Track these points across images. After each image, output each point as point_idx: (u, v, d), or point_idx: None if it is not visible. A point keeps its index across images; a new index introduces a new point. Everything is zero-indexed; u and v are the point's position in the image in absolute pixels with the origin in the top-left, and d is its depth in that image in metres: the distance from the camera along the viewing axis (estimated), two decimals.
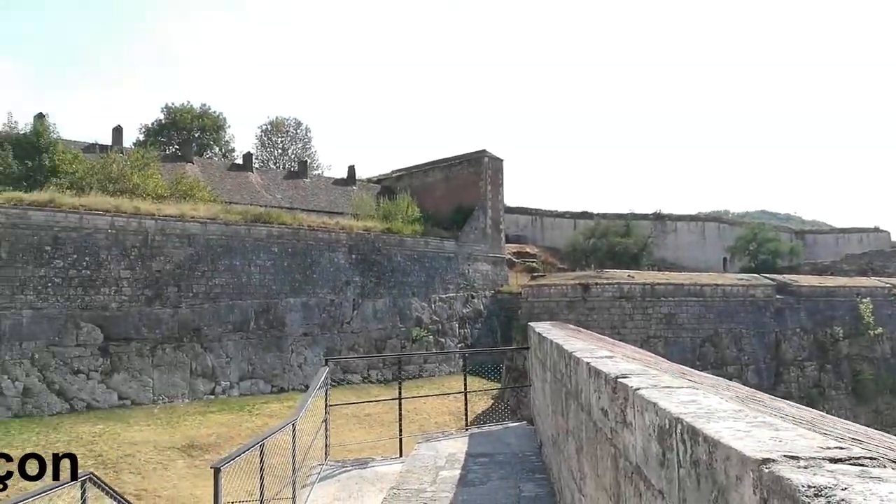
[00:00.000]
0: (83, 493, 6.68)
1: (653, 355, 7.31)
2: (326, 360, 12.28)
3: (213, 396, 38.63)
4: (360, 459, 11.03)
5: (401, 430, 11.96)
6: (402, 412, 13.15)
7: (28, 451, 28.17)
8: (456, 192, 60.81)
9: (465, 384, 13.54)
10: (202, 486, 27.61)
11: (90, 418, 32.97)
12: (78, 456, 28.18)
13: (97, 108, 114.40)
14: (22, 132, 43.08)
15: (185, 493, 26.85)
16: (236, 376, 40.24)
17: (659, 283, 46.65)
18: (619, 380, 4.52)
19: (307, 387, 41.36)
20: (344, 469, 10.36)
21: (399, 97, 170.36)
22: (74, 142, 46.76)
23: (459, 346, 52.67)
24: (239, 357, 40.60)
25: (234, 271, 41.85)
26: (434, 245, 53.65)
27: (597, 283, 45.75)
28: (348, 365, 43.96)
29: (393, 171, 70.81)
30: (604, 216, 79.29)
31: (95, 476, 6.84)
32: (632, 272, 50.63)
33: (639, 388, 4.03)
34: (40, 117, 44.58)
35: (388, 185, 67.21)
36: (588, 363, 5.70)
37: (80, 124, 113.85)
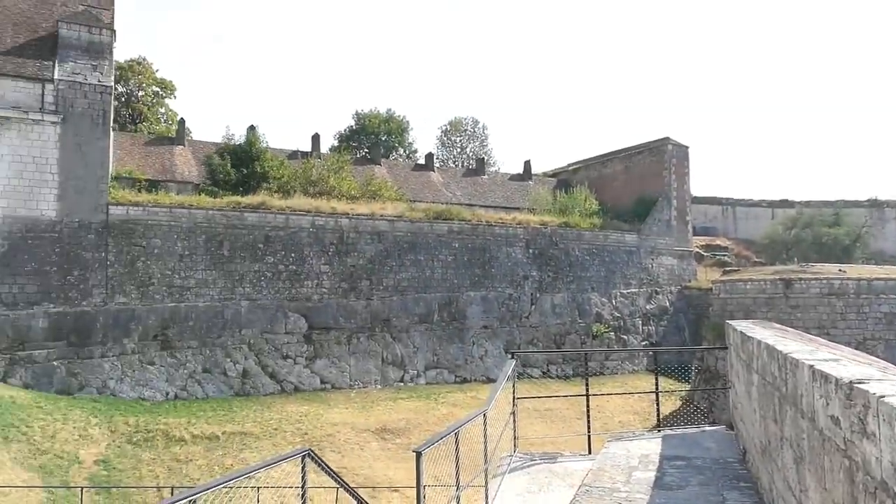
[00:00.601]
0: (303, 467, 7.39)
1: (879, 360, 6.47)
2: (511, 354, 12.41)
3: (401, 384, 40.94)
4: (548, 454, 11.05)
5: (589, 427, 11.78)
6: (585, 409, 12.93)
7: (247, 426, 32.00)
8: (637, 182, 58.49)
9: (657, 383, 12.99)
10: (394, 468, 29.41)
11: (297, 399, 36.51)
12: (287, 433, 31.45)
13: (298, 117, 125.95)
14: (237, 143, 48.71)
15: (379, 473, 28.76)
16: (422, 366, 42.25)
17: (878, 278, 41.24)
18: (856, 385, 4.05)
19: (488, 378, 42.38)
20: (533, 462, 10.44)
21: (574, 89, 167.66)
22: (280, 150, 51.92)
23: (643, 343, 50.67)
24: (425, 347, 42.58)
25: (418, 266, 43.97)
26: (614, 238, 52.08)
27: (801, 279, 41.57)
28: (527, 359, 44.19)
29: (569, 164, 69.84)
30: (807, 204, 71.58)
31: (313, 452, 7.53)
32: (843, 266, 45.30)
33: (884, 396, 3.58)
34: (251, 129, 50.10)
35: (564, 179, 66.43)
36: (811, 366, 5.18)
37: (284, 133, 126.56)
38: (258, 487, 16.06)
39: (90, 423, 29.40)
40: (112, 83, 37.56)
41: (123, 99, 58.63)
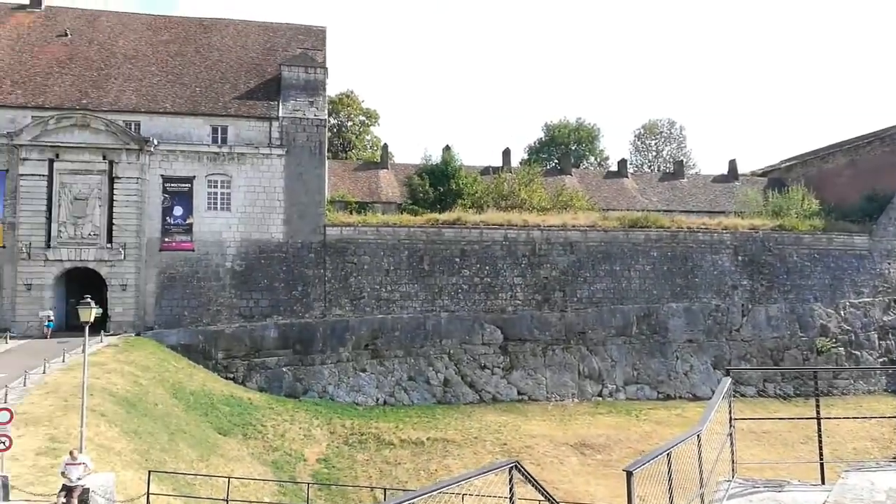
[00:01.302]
0: (510, 479, 7.49)
1: None
2: (727, 371, 11.51)
3: (599, 398, 39.92)
4: (772, 481, 10.06)
5: (821, 454, 10.50)
6: (811, 433, 11.55)
7: (449, 433, 33.27)
8: (865, 177, 51.44)
9: None
10: (595, 484, 28.70)
11: (495, 409, 37.21)
12: (487, 442, 32.15)
13: (490, 133, 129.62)
14: (434, 163, 51.26)
15: (580, 488, 28.25)
16: (621, 380, 40.85)
17: None
18: None
19: (694, 396, 39.68)
20: (755, 490, 9.56)
21: (783, 79, 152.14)
22: (473, 166, 53.71)
23: (880, 361, 44.30)
24: (623, 361, 41.16)
25: (613, 276, 42.71)
26: (840, 241, 46.26)
27: None
28: (739, 375, 40.69)
29: (782, 161, 63.50)
30: None
31: (520, 465, 7.61)
32: None
33: None
34: (447, 149, 52.46)
35: (776, 178, 60.52)
36: None
37: (477, 150, 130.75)
38: (462, 494, 16.61)
39: (313, 424, 32.51)
40: (326, 116, 41.58)
41: (335, 129, 64.60)
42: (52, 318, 34.82)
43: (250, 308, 38.01)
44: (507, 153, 57.29)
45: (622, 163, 60.77)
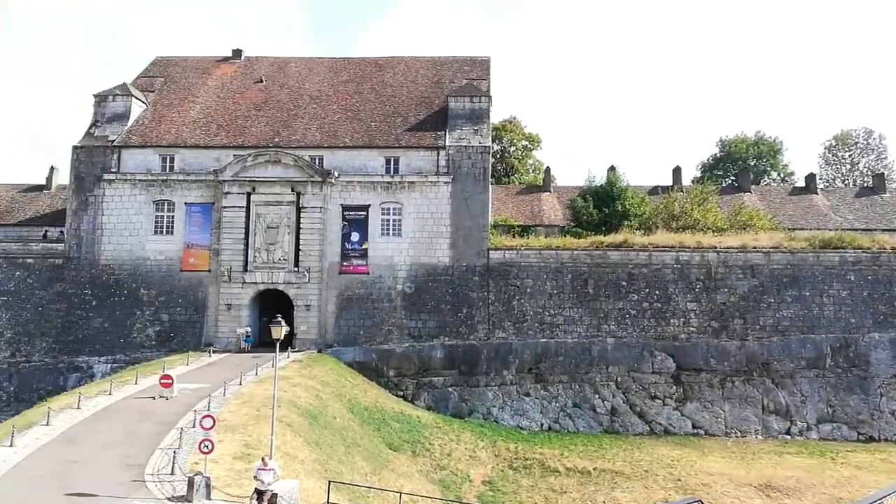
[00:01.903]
0: None
1: None
2: None
3: (788, 436, 36.26)
4: None
5: None
6: None
7: (618, 464, 31.99)
8: None
9: None
10: None
11: (667, 442, 35.18)
12: (658, 477, 30.44)
13: (658, 152, 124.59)
14: (598, 184, 50.25)
15: None
16: (813, 417, 36.82)
17: None
18: None
19: None
20: None
21: None
22: (640, 186, 51.90)
23: None
24: (815, 397, 37.12)
25: (803, 302, 38.84)
26: None
27: None
28: None
29: None
30: None
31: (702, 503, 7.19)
32: None
33: None
34: (611, 169, 51.25)
35: None
36: None
37: (644, 169, 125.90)
38: None
39: (478, 445, 32.90)
40: (490, 143, 42.58)
41: (498, 155, 65.87)
42: (250, 333, 38.86)
43: (419, 329, 39.57)
44: (677, 171, 54.71)
45: (810, 177, 55.38)
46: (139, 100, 45.06)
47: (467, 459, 31.40)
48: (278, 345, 19.25)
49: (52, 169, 50.35)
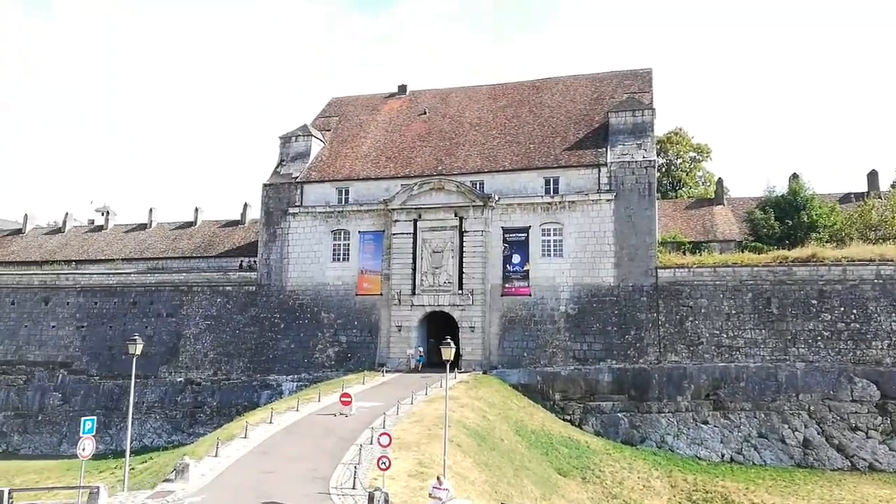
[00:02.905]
0: None
1: None
2: None
3: None
4: None
5: None
6: None
7: (813, 503, 28.83)
8: None
9: None
10: None
11: (874, 480, 31.14)
12: None
13: (847, 156, 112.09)
14: (779, 194, 46.12)
15: None
16: None
17: None
18: None
19: None
20: None
21: None
22: (828, 194, 46.93)
23: None
24: None
25: None
26: None
27: None
28: None
29: None
30: None
31: None
32: None
33: None
34: (794, 177, 46.79)
35: None
36: None
37: (832, 175, 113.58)
38: None
39: (652, 475, 31.29)
40: (654, 157, 40.99)
41: (664, 169, 63.04)
42: (422, 353, 40.44)
43: (584, 351, 38.70)
44: (873, 176, 48.83)
45: None
46: (318, 138, 49.12)
47: (641, 489, 29.98)
48: (448, 366, 19.81)
49: (245, 205, 56.20)
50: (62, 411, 44.72)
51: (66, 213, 60.77)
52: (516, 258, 41.00)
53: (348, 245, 44.37)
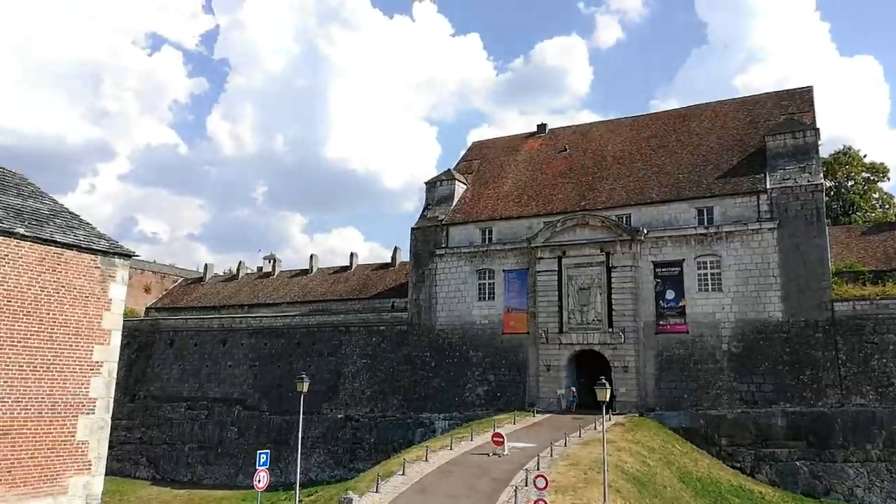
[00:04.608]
0: None
1: None
2: None
3: None
4: None
5: None
6: None
7: None
8: None
9: None
10: None
11: None
12: None
13: None
14: None
15: None
16: None
17: None
18: None
19: None
20: None
21: None
22: None
23: None
24: None
25: None
26: None
27: None
28: None
29: None
30: None
31: None
32: None
33: None
34: None
35: None
36: None
37: None
38: None
39: None
40: (821, 180, 37.74)
41: (832, 192, 57.83)
42: (575, 394, 39.49)
43: (752, 392, 35.80)
44: None
45: None
46: (461, 181, 50.56)
47: None
48: (605, 407, 19.21)
49: (395, 249, 58.83)
50: (238, 444, 48.49)
51: (240, 262, 67.04)
52: (670, 294, 39.14)
53: (493, 284, 44.77)
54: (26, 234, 14.79)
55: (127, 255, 16.98)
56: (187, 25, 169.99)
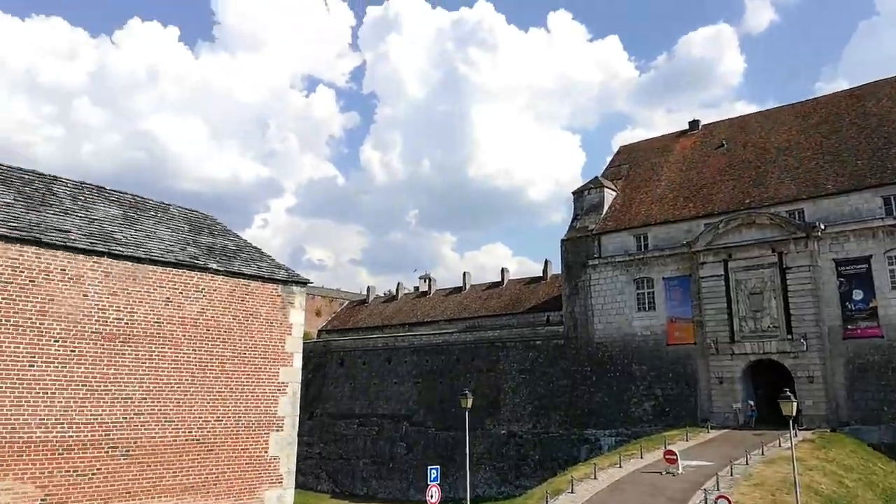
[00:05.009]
0: None
1: None
2: None
3: None
4: None
5: None
6: None
7: None
8: None
9: None
10: None
11: None
12: None
13: None
14: None
15: None
16: None
17: None
18: None
19: None
20: None
21: None
22: None
23: None
24: None
25: None
26: None
27: None
28: None
29: None
30: None
31: None
32: None
33: None
34: None
35: None
36: None
37: None
38: None
39: None
40: None
41: None
42: (753, 408, 36.66)
43: None
44: None
45: None
46: (610, 188, 49.21)
47: None
48: (791, 422, 17.66)
49: (546, 262, 58.43)
50: (407, 460, 50.30)
51: (398, 283, 70.13)
52: (857, 294, 35.26)
53: (652, 293, 42.91)
54: (219, 268, 16.53)
55: (303, 283, 18.40)
56: (337, 64, 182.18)
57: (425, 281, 70.00)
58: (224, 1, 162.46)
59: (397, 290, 69.60)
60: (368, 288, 73.00)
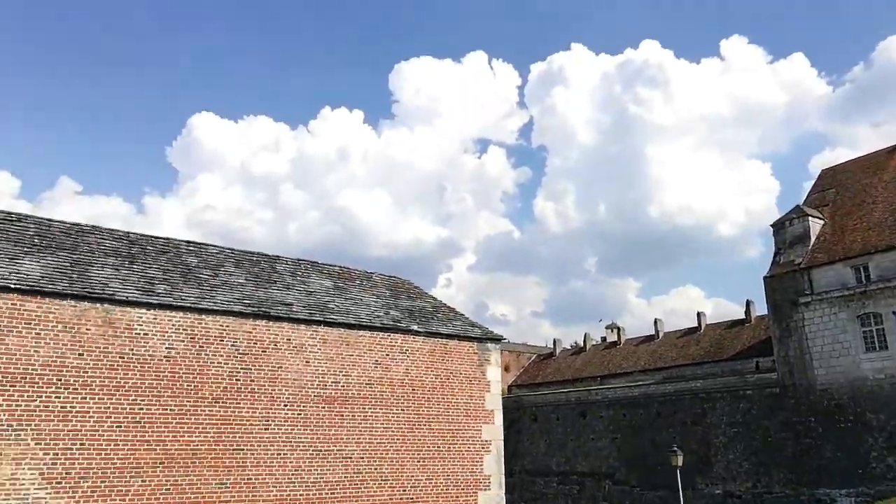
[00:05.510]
0: None
1: None
2: None
3: None
4: None
5: None
6: None
7: None
8: None
9: None
10: None
11: None
12: None
13: None
14: None
15: None
16: None
17: None
18: None
19: None
20: None
21: None
22: None
23: None
24: None
25: None
26: None
27: None
28: None
29: None
30: None
31: None
32: None
33: None
34: None
35: None
36: None
37: None
38: None
39: None
40: None
41: None
42: None
43: None
44: None
45: None
46: (815, 217, 44.53)
47: None
48: None
49: (748, 302, 53.71)
50: None
51: (585, 335, 68.35)
52: None
53: (882, 330, 37.52)
54: (419, 329, 17.35)
55: (497, 339, 18.68)
56: (506, 124, 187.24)
57: (613, 330, 67.55)
58: (400, 80, 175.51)
59: (585, 342, 67.87)
60: (555, 341, 72.02)
